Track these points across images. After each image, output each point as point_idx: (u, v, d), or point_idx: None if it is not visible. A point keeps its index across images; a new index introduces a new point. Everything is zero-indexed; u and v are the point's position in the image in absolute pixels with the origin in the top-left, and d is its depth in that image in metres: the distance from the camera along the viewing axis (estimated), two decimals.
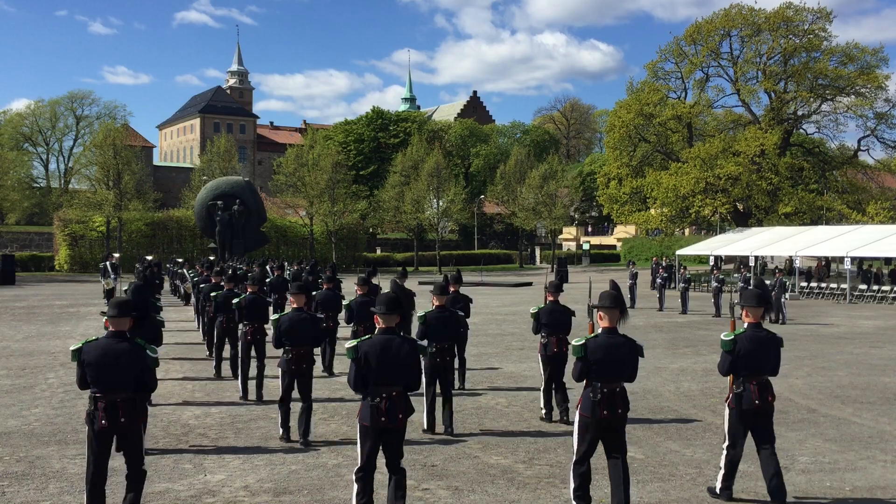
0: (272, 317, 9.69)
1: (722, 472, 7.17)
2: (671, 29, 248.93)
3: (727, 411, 7.14)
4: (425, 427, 9.63)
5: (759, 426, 7.00)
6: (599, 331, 6.60)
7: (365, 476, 6.18)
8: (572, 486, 6.60)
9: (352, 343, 6.26)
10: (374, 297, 12.81)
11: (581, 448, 6.53)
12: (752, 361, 6.91)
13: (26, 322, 22.53)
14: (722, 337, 7.02)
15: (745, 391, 6.94)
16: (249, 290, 12.07)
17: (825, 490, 7.62)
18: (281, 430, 9.32)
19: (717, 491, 7.22)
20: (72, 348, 6.10)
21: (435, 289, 9.94)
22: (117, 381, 5.85)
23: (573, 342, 6.67)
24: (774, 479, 6.82)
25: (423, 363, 9.16)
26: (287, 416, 9.30)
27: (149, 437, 9.25)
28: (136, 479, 6.08)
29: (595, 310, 6.98)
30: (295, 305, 9.36)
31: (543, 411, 10.40)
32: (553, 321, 10.22)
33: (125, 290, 9.38)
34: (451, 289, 12.56)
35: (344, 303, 13.23)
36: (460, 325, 10.61)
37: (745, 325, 7.03)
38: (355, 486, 6.22)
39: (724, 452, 7.15)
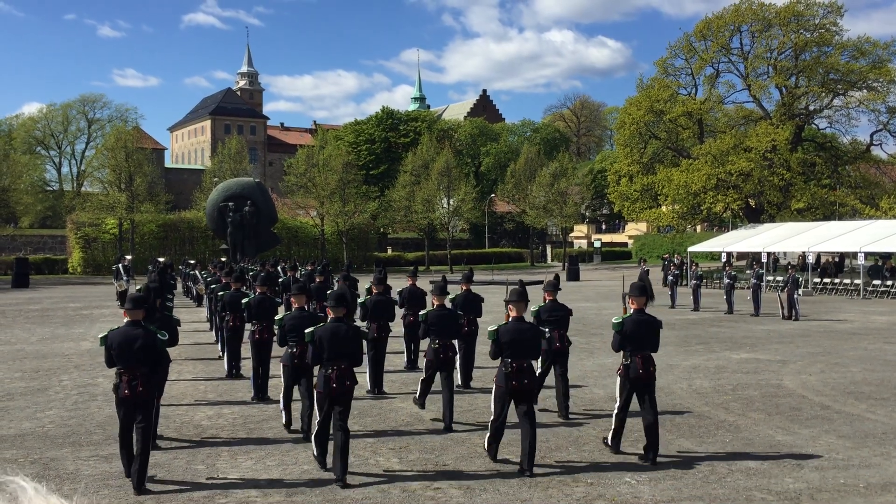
0: (276, 317, 10.25)
1: (613, 428, 8.63)
2: (679, 24, 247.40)
3: (618, 379, 8.57)
4: (417, 401, 10.56)
5: (642, 391, 8.44)
6: (510, 320, 8.25)
7: (321, 432, 8.05)
8: (488, 434, 8.38)
9: (309, 329, 7.97)
10: (389, 297, 13.05)
11: (497, 410, 8.21)
12: (636, 340, 8.43)
13: (40, 325, 22.68)
14: (613, 320, 8.57)
15: (632, 363, 8.41)
16: (258, 290, 12.15)
17: (839, 486, 7.58)
18: (283, 417, 9.89)
19: (609, 443, 8.71)
20: (100, 336, 7.77)
21: (434, 289, 10.55)
22: (135, 359, 7.44)
23: (489, 328, 8.30)
24: (651, 427, 8.34)
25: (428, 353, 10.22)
26: (289, 409, 9.84)
27: (161, 439, 9.31)
28: (143, 447, 7.34)
29: (626, 297, 8.75)
30: (296, 306, 9.81)
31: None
32: (552, 319, 10.53)
33: (139, 290, 9.89)
34: (464, 287, 12.73)
35: (359, 300, 13.29)
36: (460, 323, 10.90)
37: (632, 311, 8.56)
38: (314, 444, 8.20)
39: (616, 412, 8.59)
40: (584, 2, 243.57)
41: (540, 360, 10.43)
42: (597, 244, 74.14)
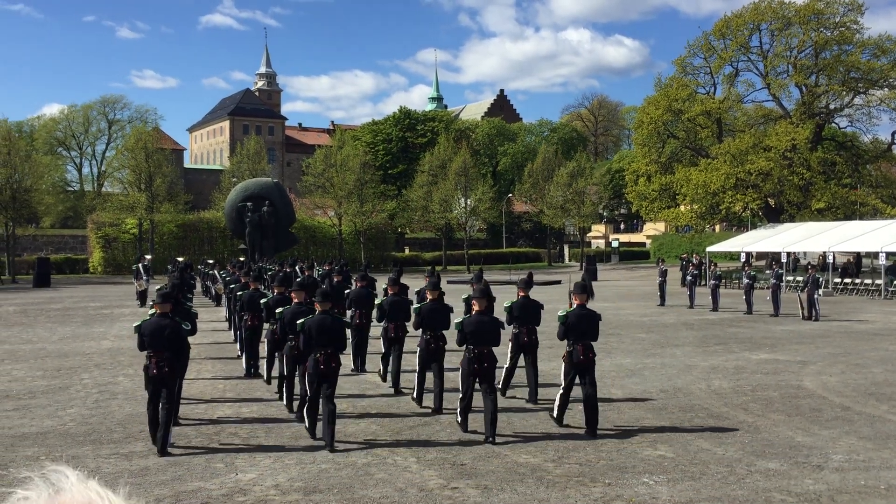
0: (277, 311, 11.14)
1: (557, 403, 9.99)
2: (697, 23, 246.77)
3: (563, 364, 9.88)
4: (414, 396, 11.28)
5: (583, 373, 9.67)
6: (473, 314, 9.73)
7: (311, 405, 9.32)
8: (458, 409, 9.77)
9: (300, 321, 9.27)
10: (405, 298, 13.14)
11: (463, 389, 9.64)
12: (578, 330, 9.70)
13: (61, 324, 22.90)
14: (558, 313, 9.90)
15: (574, 350, 9.68)
16: (276, 290, 12.25)
17: (860, 488, 7.52)
18: (284, 403, 10.90)
19: (555, 416, 10.00)
20: (134, 325, 9.31)
21: (428, 284, 11.76)
22: (162, 345, 8.85)
23: (455, 321, 9.91)
24: (590, 401, 9.57)
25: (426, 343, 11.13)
26: (291, 393, 10.82)
27: (181, 436, 9.39)
28: (167, 417, 8.72)
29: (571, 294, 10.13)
30: (296, 300, 10.66)
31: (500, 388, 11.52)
32: (524, 315, 11.66)
33: (161, 288, 10.22)
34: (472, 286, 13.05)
35: (376, 301, 13.36)
36: (451, 317, 11.38)
37: (575, 305, 9.86)
38: (306, 418, 9.48)
39: (560, 392, 9.94)
40: (600, 1, 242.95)
41: (509, 352, 11.81)
42: (615, 244, 73.86)
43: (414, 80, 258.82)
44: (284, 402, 10.96)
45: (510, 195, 76.96)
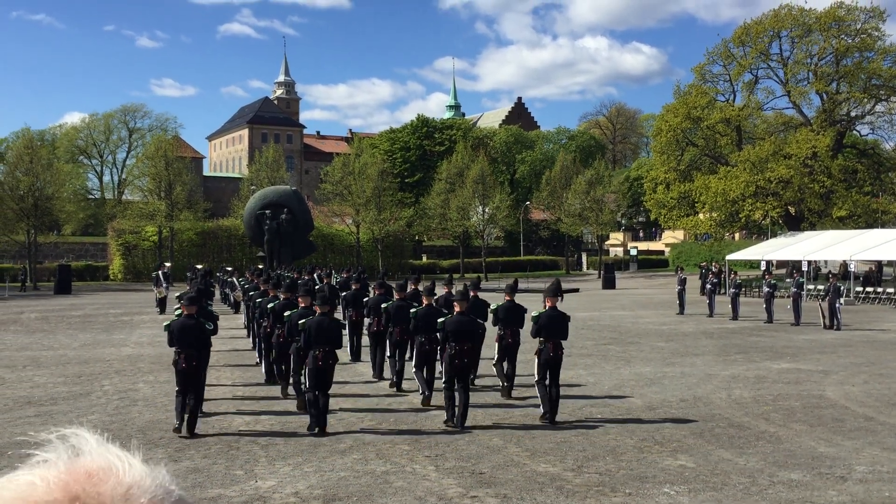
0: (285, 314, 11.93)
1: (540, 396, 10.79)
2: (715, 30, 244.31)
3: (536, 359, 10.86)
4: (422, 392, 11.90)
5: (552, 369, 10.73)
6: (454, 314, 10.85)
7: (312, 397, 10.14)
8: (445, 401, 10.63)
9: (302, 321, 10.39)
10: (411, 302, 13.40)
11: (447, 377, 10.58)
12: (549, 329, 10.73)
13: (82, 330, 23.07)
14: (532, 314, 11.03)
15: (545, 348, 10.70)
16: (283, 296, 13.17)
17: (884, 500, 7.42)
18: (296, 396, 11.63)
19: (544, 411, 10.77)
20: (164, 324, 10.81)
21: (424, 290, 12.52)
22: (189, 342, 10.13)
23: (438, 320, 11.20)
24: (554, 399, 10.67)
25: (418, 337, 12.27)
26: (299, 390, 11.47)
27: (201, 444, 9.42)
28: (196, 405, 10.02)
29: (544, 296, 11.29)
30: (303, 305, 11.43)
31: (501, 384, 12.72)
32: (509, 318, 12.57)
33: (183, 294, 11.44)
34: (472, 294, 13.19)
35: (383, 306, 13.80)
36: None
37: (547, 307, 10.92)
38: (304, 396, 10.56)
39: (538, 388, 10.82)
40: (618, 8, 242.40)
41: (496, 352, 12.80)
42: (633, 252, 73.51)
43: (431, 88, 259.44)
44: (296, 399, 11.61)
45: (528, 203, 76.84)
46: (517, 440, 9.73)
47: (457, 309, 10.78)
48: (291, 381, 12.03)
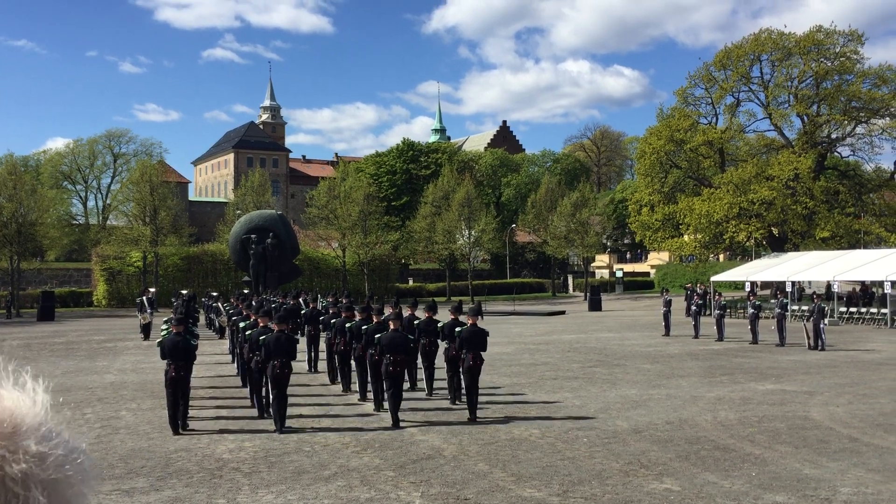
0: (247, 332, 14.08)
1: (449, 388, 13.92)
2: (696, 54, 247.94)
3: (445, 363, 13.81)
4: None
5: (472, 376, 12.64)
6: (389, 326, 13.04)
7: (273, 399, 12.03)
8: (386, 402, 12.66)
9: (262, 337, 12.46)
10: (386, 324, 13.84)
11: (387, 387, 12.46)
12: (470, 342, 12.79)
13: (65, 357, 22.84)
14: (455, 329, 13.42)
15: (466, 357, 12.70)
16: (261, 322, 13.63)
17: None
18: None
19: (452, 397, 13.89)
20: (157, 342, 12.87)
21: (391, 315, 13.47)
22: (178, 356, 11.97)
23: (375, 336, 13.31)
24: (473, 401, 12.63)
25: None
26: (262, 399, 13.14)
27: (183, 472, 9.31)
28: (185, 405, 12.03)
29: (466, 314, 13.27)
30: (262, 325, 13.28)
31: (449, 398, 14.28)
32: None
33: (171, 316, 13.31)
34: (470, 321, 13.78)
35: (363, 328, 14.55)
36: (410, 343, 13.36)
37: (469, 324, 12.95)
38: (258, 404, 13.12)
39: (448, 380, 13.92)
40: (599, 32, 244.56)
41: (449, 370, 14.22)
42: (618, 274, 73.70)
43: (416, 112, 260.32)
44: (256, 410, 13.29)
45: (514, 226, 77.05)
46: (503, 465, 9.69)
47: (392, 326, 12.78)
48: (255, 395, 13.61)
